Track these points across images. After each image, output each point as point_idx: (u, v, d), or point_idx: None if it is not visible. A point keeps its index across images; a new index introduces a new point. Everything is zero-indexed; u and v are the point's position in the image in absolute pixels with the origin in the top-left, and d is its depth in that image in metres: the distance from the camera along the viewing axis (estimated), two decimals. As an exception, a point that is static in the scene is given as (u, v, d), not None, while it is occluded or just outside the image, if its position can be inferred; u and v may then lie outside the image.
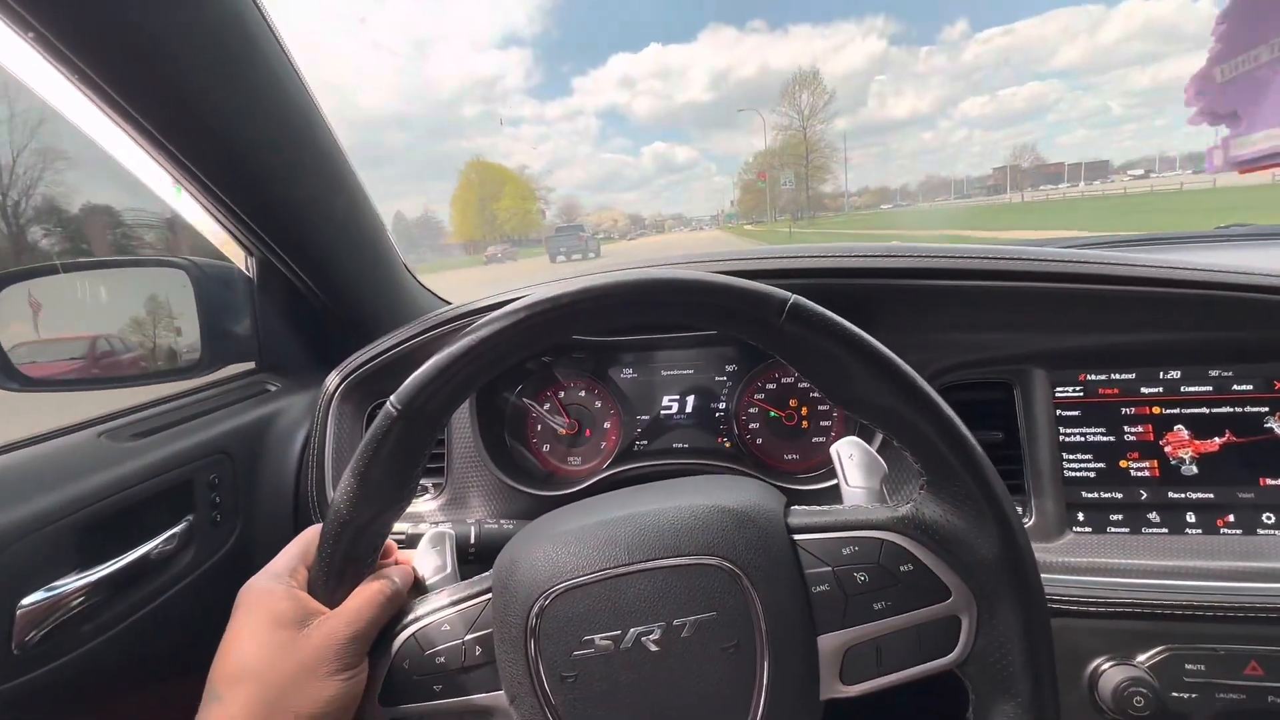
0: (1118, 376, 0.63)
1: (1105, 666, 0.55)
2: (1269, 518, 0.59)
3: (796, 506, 0.45)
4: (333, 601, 0.45)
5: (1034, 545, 0.61)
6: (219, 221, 0.71)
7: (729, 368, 0.76)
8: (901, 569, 0.39)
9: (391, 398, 0.43)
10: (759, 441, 0.75)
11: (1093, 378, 0.63)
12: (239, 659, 0.39)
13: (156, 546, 0.60)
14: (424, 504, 0.75)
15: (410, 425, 0.43)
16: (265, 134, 0.64)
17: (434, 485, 0.76)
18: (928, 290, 0.63)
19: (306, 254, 0.77)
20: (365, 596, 0.44)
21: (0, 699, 0.47)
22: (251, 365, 0.84)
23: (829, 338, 0.40)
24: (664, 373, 0.78)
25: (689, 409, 0.77)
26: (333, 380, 0.75)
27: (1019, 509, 0.63)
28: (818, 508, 0.45)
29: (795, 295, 0.41)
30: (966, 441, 0.38)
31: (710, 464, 0.71)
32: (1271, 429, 0.59)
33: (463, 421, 0.74)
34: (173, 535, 0.62)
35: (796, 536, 0.42)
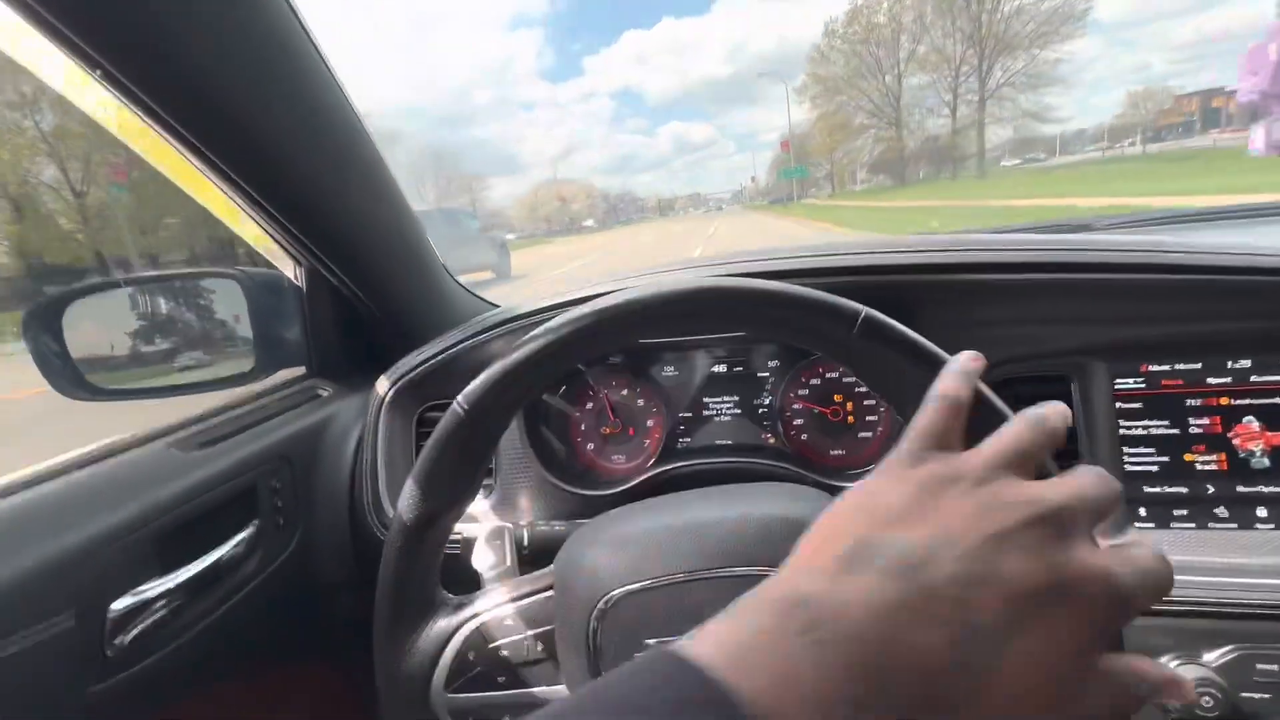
0: (1182, 367, 0.60)
1: (1172, 666, 0.54)
2: (1348, 512, 0.57)
3: None
4: (406, 595, 0.46)
5: None
6: (268, 233, 0.73)
7: (771, 363, 0.76)
8: None
9: (459, 397, 0.44)
10: (804, 438, 0.75)
11: (1155, 369, 0.61)
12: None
13: (228, 551, 0.63)
14: (475, 504, 0.77)
15: (476, 425, 0.44)
16: (312, 149, 0.65)
17: (484, 486, 0.78)
18: (972, 285, 0.62)
19: (353, 262, 0.78)
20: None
21: (97, 698, 0.50)
22: (302, 371, 0.87)
23: (900, 351, 0.39)
24: (706, 370, 0.78)
25: (732, 406, 0.77)
26: (383, 385, 0.77)
27: None
28: None
29: (867, 308, 0.40)
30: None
31: (754, 461, 0.71)
32: None
33: (511, 421, 0.75)
34: (241, 540, 0.65)
35: None
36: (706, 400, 0.78)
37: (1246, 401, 0.59)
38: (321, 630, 0.77)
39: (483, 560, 0.54)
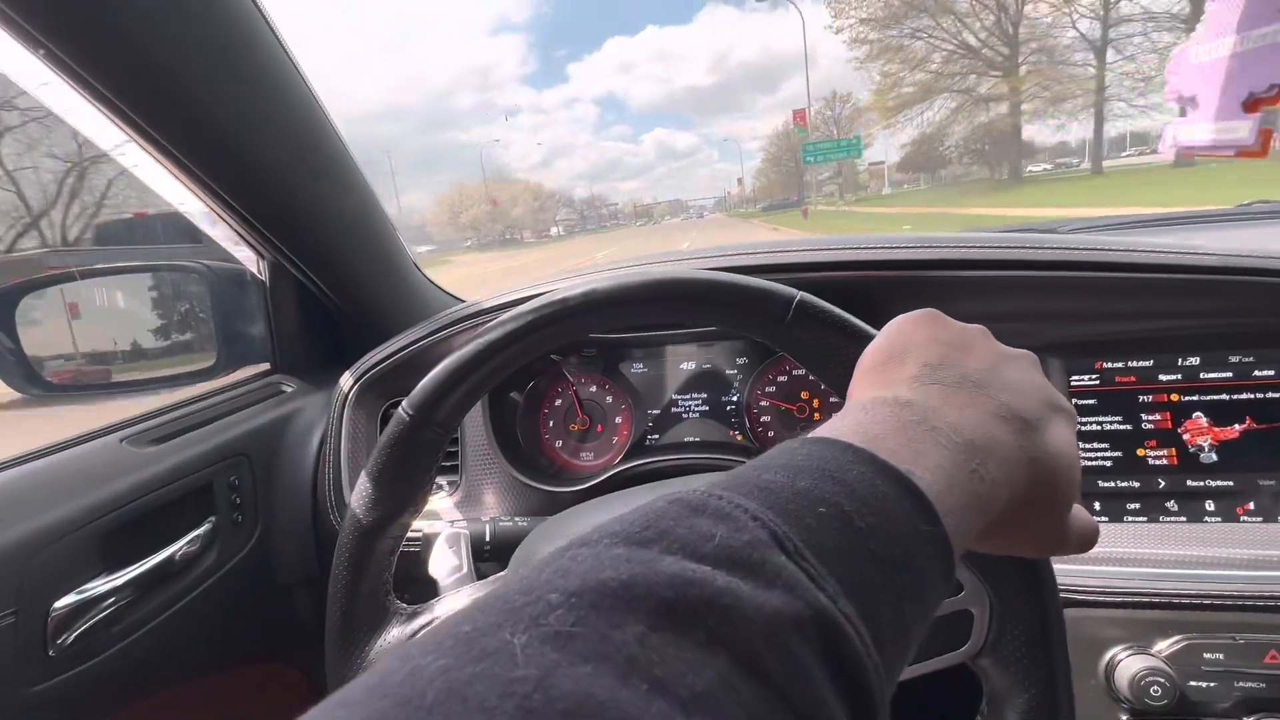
0: (1135, 364, 0.62)
1: (1122, 656, 0.55)
2: (1290, 506, 0.58)
3: None
4: (355, 605, 0.45)
5: None
6: (230, 226, 0.72)
7: (740, 360, 0.76)
8: None
9: (404, 403, 0.44)
10: (770, 435, 0.75)
11: (1109, 365, 0.62)
12: None
13: (181, 548, 0.62)
14: (439, 501, 0.76)
15: (423, 429, 0.44)
16: (274, 140, 0.64)
17: (449, 483, 0.77)
18: (937, 281, 0.63)
19: (319, 257, 0.77)
20: None
21: (39, 698, 0.49)
22: (266, 366, 0.85)
23: (836, 334, 0.40)
24: (675, 366, 0.78)
25: (700, 402, 0.77)
26: (347, 381, 0.76)
27: None
28: None
29: (801, 292, 0.41)
30: None
31: (721, 458, 0.72)
32: (1276, 418, 0.58)
33: (475, 419, 0.75)
34: (196, 537, 0.63)
35: None
36: (675, 397, 0.78)
37: (1195, 398, 0.60)
38: (281, 629, 0.76)
39: (439, 566, 0.54)
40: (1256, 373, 0.59)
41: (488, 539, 0.61)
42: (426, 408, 0.43)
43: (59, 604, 0.50)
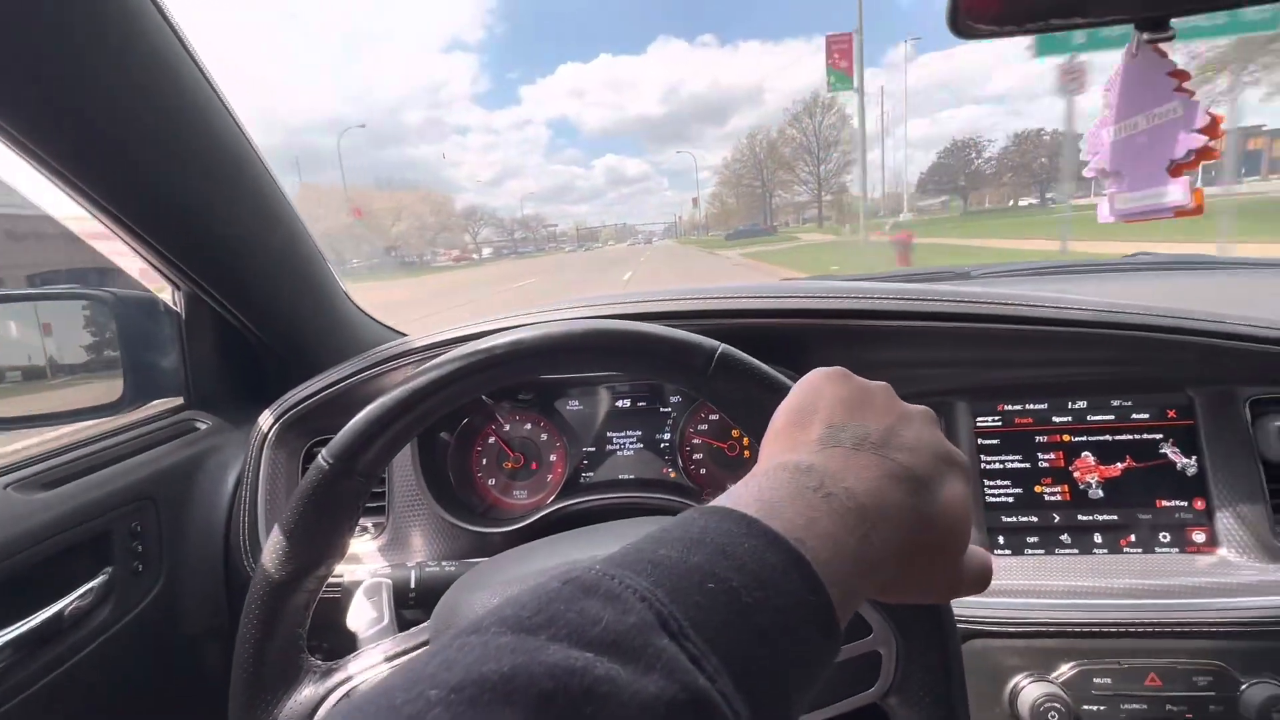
0: (1032, 406, 0.67)
1: (1024, 683, 0.59)
2: (1165, 536, 0.64)
3: None
4: (265, 664, 0.43)
5: None
6: (141, 256, 0.68)
7: (674, 399, 0.78)
8: None
9: (323, 451, 0.43)
10: (703, 472, 0.77)
11: (1010, 408, 0.67)
12: None
13: (71, 603, 0.57)
14: (363, 544, 0.73)
15: (343, 478, 0.43)
16: (189, 170, 0.62)
17: (375, 525, 0.74)
18: (862, 330, 0.66)
19: (239, 289, 0.74)
20: None
21: None
22: (179, 401, 0.81)
23: (755, 386, 0.41)
24: (610, 404, 0.79)
25: (635, 439, 0.78)
26: (266, 419, 0.73)
27: None
28: None
29: (724, 345, 0.42)
30: None
31: (654, 496, 0.72)
32: (1165, 454, 0.64)
33: (404, 458, 0.73)
34: (89, 590, 0.59)
35: None
36: (610, 435, 0.78)
37: (1084, 438, 0.66)
38: (186, 686, 0.71)
39: (358, 618, 0.52)
40: (1134, 416, 0.65)
41: (413, 586, 0.59)
42: (348, 456, 0.42)
43: None
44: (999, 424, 0.67)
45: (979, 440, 0.67)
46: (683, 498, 0.73)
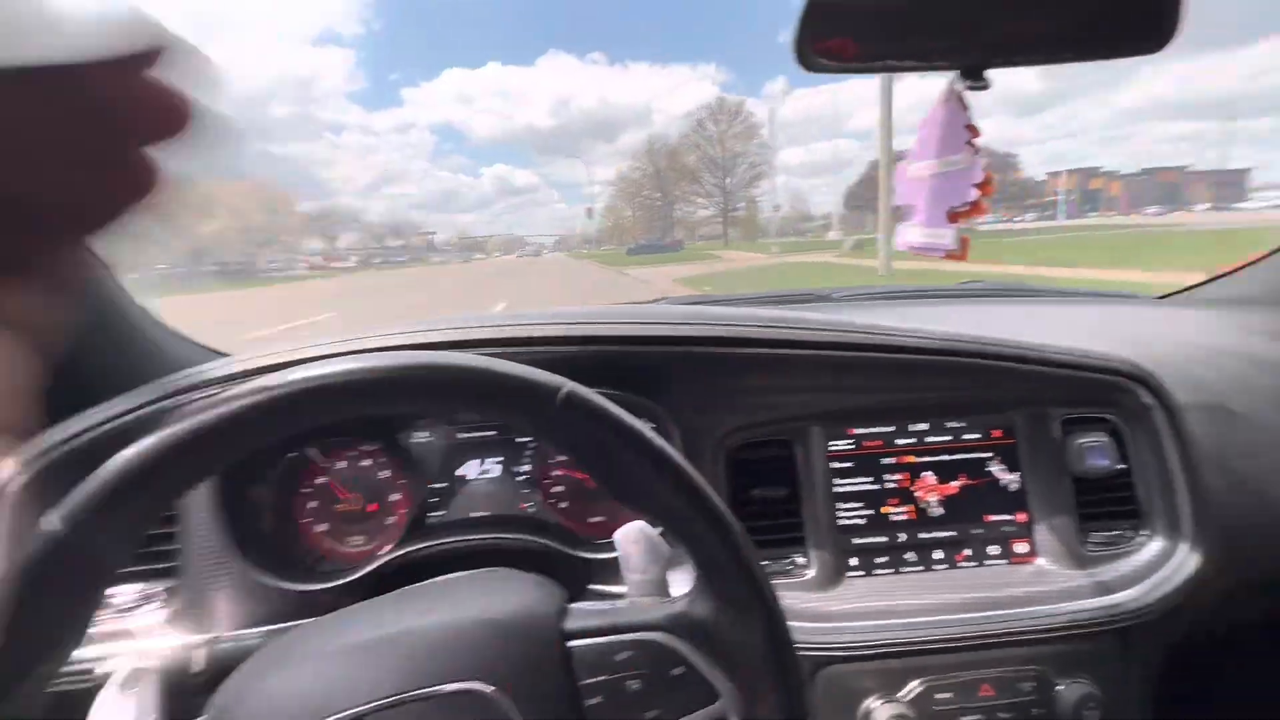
0: (879, 430, 0.69)
1: (875, 704, 0.59)
2: (994, 549, 0.68)
3: (577, 605, 0.42)
4: None
5: (814, 595, 0.65)
6: None
7: None
8: (673, 673, 0.38)
9: (51, 513, 0.33)
10: (563, 505, 0.72)
11: (859, 432, 0.69)
12: None
13: None
14: (148, 616, 0.61)
15: (80, 551, 0.33)
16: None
17: (165, 590, 0.62)
18: (721, 357, 0.65)
19: None
20: None
21: None
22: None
23: (603, 429, 0.37)
24: (462, 435, 0.72)
25: (490, 473, 0.72)
26: (7, 467, 0.58)
27: (802, 560, 0.67)
28: (597, 606, 0.43)
29: (569, 384, 0.38)
30: (734, 535, 0.37)
31: (509, 536, 0.66)
32: (991, 471, 0.69)
33: (201, 503, 0.61)
34: None
35: (571, 643, 0.39)
36: (462, 468, 0.71)
37: (926, 459, 0.69)
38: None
39: None
40: (965, 436, 0.69)
41: (199, 668, 0.49)
42: (86, 518, 0.33)
43: None
44: (851, 448, 0.69)
45: (831, 464, 0.68)
46: (543, 536, 0.67)
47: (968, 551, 0.68)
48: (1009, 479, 0.69)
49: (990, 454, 0.69)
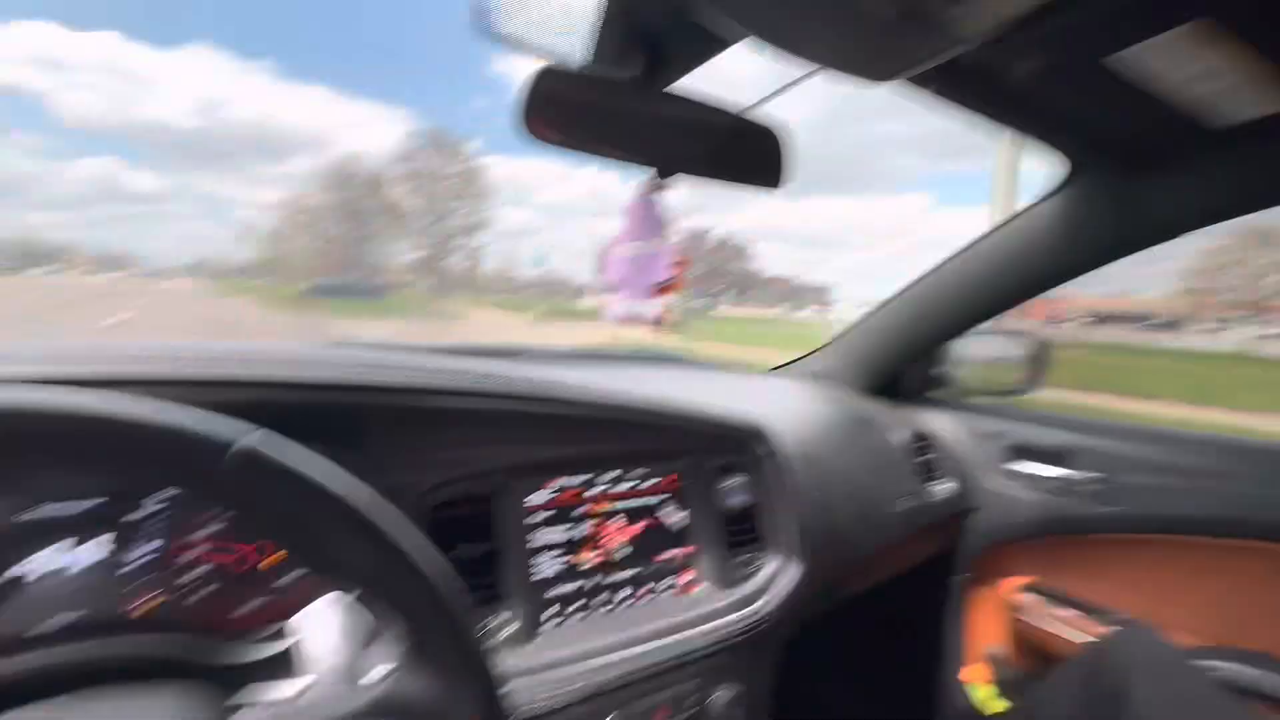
0: (575, 480, 0.74)
1: None
2: (670, 581, 0.78)
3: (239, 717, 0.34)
4: None
5: (514, 651, 0.63)
6: None
7: (160, 494, 0.55)
8: None
9: None
10: (203, 594, 0.56)
11: (557, 483, 0.72)
12: None
13: None
14: None
15: None
16: None
17: None
18: (420, 409, 0.62)
19: None
20: None
21: None
22: None
23: (291, 492, 0.31)
24: (37, 510, 0.50)
25: (85, 560, 0.52)
26: None
27: (501, 617, 0.66)
28: (274, 711, 0.35)
29: (246, 438, 0.31)
30: (450, 598, 0.35)
31: (111, 654, 0.49)
32: (667, 512, 0.80)
33: None
34: None
35: None
36: (38, 556, 0.50)
37: (618, 505, 0.76)
38: None
39: None
40: (647, 483, 0.79)
41: None
42: None
43: None
44: (549, 498, 0.71)
45: (527, 519, 0.70)
46: (158, 641, 0.51)
47: (651, 585, 0.76)
48: (679, 517, 0.80)
49: (667, 496, 0.80)
